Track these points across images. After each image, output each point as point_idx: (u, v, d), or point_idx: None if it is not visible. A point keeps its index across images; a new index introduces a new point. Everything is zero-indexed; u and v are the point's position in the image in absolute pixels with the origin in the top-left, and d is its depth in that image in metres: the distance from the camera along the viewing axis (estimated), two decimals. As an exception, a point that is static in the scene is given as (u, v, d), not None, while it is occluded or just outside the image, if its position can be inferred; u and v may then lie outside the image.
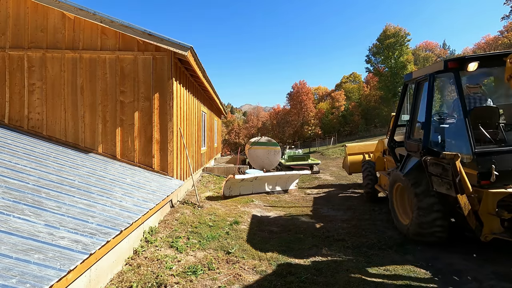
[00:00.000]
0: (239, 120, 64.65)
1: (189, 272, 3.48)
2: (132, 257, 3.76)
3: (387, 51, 37.11)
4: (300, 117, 46.85)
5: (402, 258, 4.12)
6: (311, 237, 5.01)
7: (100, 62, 6.54)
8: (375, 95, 47.76)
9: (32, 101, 6.49)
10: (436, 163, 3.73)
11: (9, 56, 6.43)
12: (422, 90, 4.72)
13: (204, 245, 4.37)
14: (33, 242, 2.47)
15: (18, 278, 2.01)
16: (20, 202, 3.03)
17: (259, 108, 65.45)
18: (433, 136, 4.41)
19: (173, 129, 6.61)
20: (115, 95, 6.55)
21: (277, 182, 9.09)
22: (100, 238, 2.91)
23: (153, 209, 4.51)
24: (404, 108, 5.87)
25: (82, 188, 4.08)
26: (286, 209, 7.03)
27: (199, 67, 7.45)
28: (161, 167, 6.64)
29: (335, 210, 6.92)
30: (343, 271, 3.69)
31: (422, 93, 4.69)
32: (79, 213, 3.31)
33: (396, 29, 36.90)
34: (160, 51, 6.51)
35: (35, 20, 6.48)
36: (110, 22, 6.16)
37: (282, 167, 13.95)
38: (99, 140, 6.55)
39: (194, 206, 6.52)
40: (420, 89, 4.83)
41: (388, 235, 5.01)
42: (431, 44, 54.93)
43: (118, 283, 3.16)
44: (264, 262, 3.95)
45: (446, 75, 4.36)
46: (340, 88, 55.19)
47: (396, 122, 5.93)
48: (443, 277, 3.51)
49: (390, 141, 5.93)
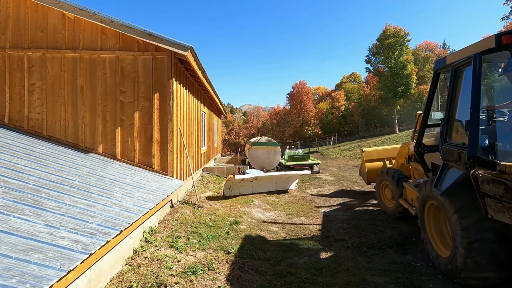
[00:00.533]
0: (239, 120, 64.65)
1: (189, 272, 3.48)
2: (132, 257, 3.76)
3: (387, 51, 37.07)
4: (300, 117, 46.85)
5: (402, 258, 4.12)
6: (311, 237, 5.01)
7: (100, 62, 6.54)
8: (375, 95, 47.76)
9: (32, 101, 6.49)
10: (495, 179, 2.71)
11: (9, 56, 6.44)
12: (463, 78, 3.66)
13: (204, 245, 4.37)
14: (33, 242, 2.47)
15: (18, 278, 2.01)
16: (20, 202, 3.03)
17: (259, 108, 65.46)
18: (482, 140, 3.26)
19: (173, 129, 6.61)
20: (115, 95, 6.55)
21: (277, 182, 9.09)
22: (100, 238, 2.91)
23: (153, 209, 4.51)
24: (434, 104, 4.81)
25: (82, 188, 4.08)
26: (286, 209, 7.03)
27: (199, 67, 7.45)
28: (161, 167, 6.64)
29: (335, 210, 6.92)
30: (343, 271, 3.69)
31: (463, 82, 3.63)
32: (79, 213, 3.30)
33: (396, 29, 36.86)
34: (160, 51, 6.51)
35: (35, 20, 6.48)
36: (110, 22, 6.16)
37: (282, 167, 13.95)
38: (99, 140, 6.55)
39: (194, 206, 6.52)
40: (459, 76, 3.73)
41: (388, 235, 5.01)
42: (431, 44, 54.93)
43: (118, 283, 3.16)
44: (264, 262, 3.94)
45: (498, 55, 3.27)
46: (340, 88, 55.20)
47: (424, 122, 4.80)
48: (443, 277, 3.51)
49: (418, 146, 4.84)
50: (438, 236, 3.78)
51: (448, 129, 3.83)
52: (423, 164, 4.78)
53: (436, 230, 3.84)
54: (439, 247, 3.68)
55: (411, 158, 5.84)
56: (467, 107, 3.25)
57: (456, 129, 3.75)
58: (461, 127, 3.56)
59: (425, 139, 4.86)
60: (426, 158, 4.76)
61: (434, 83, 4.58)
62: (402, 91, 37.04)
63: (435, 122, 4.98)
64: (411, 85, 37.17)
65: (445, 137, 3.85)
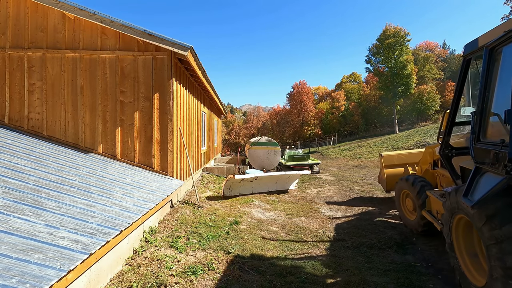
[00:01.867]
0: (239, 120, 64.63)
1: (189, 272, 3.48)
2: (132, 257, 3.76)
3: (387, 51, 37.06)
4: (300, 117, 46.85)
5: (402, 258, 4.12)
6: (311, 237, 5.01)
7: (100, 62, 6.54)
8: (375, 95, 47.74)
9: (32, 101, 6.49)
10: None
11: (9, 56, 6.44)
12: (500, 59, 2.97)
13: (204, 245, 4.37)
14: (33, 242, 2.47)
15: (18, 278, 2.01)
16: (20, 202, 3.03)
17: (259, 108, 65.45)
18: None
19: (173, 129, 6.61)
20: (115, 95, 6.55)
21: (277, 182, 9.09)
22: (100, 238, 2.91)
23: (153, 209, 4.51)
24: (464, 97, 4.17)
25: (82, 188, 4.08)
26: (286, 209, 7.03)
27: (199, 67, 7.45)
28: (161, 167, 6.64)
29: (335, 210, 6.92)
30: (343, 271, 3.69)
31: (501, 65, 2.94)
32: (79, 213, 3.30)
33: (396, 29, 36.85)
34: (160, 51, 6.51)
35: (35, 20, 6.48)
36: (110, 22, 6.16)
37: (282, 167, 13.96)
38: (99, 140, 6.55)
39: (194, 206, 6.52)
40: (496, 59, 3.04)
41: (388, 235, 5.02)
42: (431, 44, 54.88)
43: (118, 283, 3.16)
44: (264, 262, 3.94)
45: None
46: (340, 88, 55.18)
47: (452, 120, 4.05)
48: (443, 277, 3.51)
49: (444, 148, 4.13)
50: (471, 258, 3.05)
51: (481, 124, 3.10)
52: (450, 169, 4.03)
53: (467, 251, 3.12)
54: (472, 273, 2.96)
55: (436, 163, 5.10)
56: (507, 95, 2.60)
57: (492, 124, 3.02)
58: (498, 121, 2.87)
59: (452, 140, 4.16)
60: (454, 162, 4.04)
61: (464, 72, 3.86)
62: (402, 91, 37.04)
63: (465, 120, 4.27)
64: (411, 85, 37.16)
65: (477, 134, 3.14)
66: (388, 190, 7.42)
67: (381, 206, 7.14)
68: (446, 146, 4.11)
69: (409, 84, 36.90)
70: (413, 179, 5.15)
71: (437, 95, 41.09)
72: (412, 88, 37.86)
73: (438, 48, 56.04)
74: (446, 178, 4.49)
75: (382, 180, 7.56)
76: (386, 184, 7.28)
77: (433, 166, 5.19)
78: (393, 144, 20.46)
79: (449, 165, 4.06)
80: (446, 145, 4.11)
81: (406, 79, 36.62)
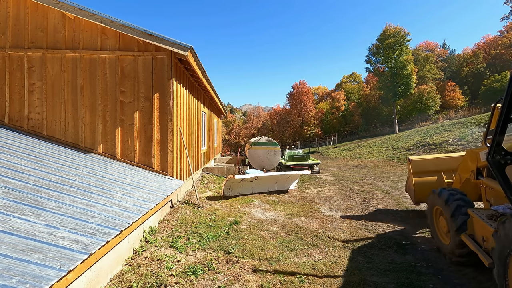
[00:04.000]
0: (239, 120, 64.62)
1: (189, 272, 3.48)
2: (132, 257, 3.76)
3: (387, 51, 37.06)
4: (300, 117, 46.84)
5: (402, 258, 4.12)
6: (311, 237, 5.01)
7: (100, 62, 6.54)
8: (375, 95, 47.74)
9: (32, 101, 6.49)
10: None
11: (9, 56, 6.43)
12: None
13: (204, 245, 4.37)
14: (33, 242, 2.47)
15: (18, 278, 2.01)
16: (20, 202, 3.03)
17: (259, 108, 65.42)
18: None
19: (173, 129, 6.61)
20: (115, 95, 6.55)
21: (277, 182, 9.10)
22: (100, 238, 2.91)
23: (153, 209, 4.51)
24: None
25: (82, 188, 4.08)
26: (286, 209, 7.03)
27: (199, 67, 7.45)
28: (161, 167, 6.64)
29: (335, 210, 6.92)
30: (343, 271, 3.69)
31: None
32: (79, 213, 3.30)
33: (396, 29, 36.84)
34: (160, 51, 6.51)
35: (35, 20, 6.48)
36: (110, 22, 6.16)
37: (282, 167, 13.96)
38: (99, 140, 6.55)
39: (194, 206, 6.51)
40: None
41: (388, 235, 5.02)
42: (431, 44, 54.85)
43: (118, 283, 3.16)
44: (264, 262, 3.95)
45: None
46: (340, 88, 55.16)
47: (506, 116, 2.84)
48: (443, 277, 3.51)
49: (495, 152, 2.93)
50: None
51: None
52: (503, 180, 2.86)
53: None
54: None
55: (481, 172, 4.14)
56: None
57: None
58: None
59: (506, 143, 3.02)
60: (508, 171, 2.95)
61: None
62: (402, 91, 37.03)
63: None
64: (411, 85, 37.14)
65: None
66: (417, 202, 6.14)
67: (381, 206, 7.14)
68: (498, 151, 2.93)
69: (409, 84, 36.90)
70: (447, 195, 4.08)
71: (437, 95, 41.05)
72: (412, 88, 37.85)
73: (438, 48, 56.00)
74: (496, 192, 3.61)
75: (410, 189, 6.35)
76: (415, 195, 6.05)
77: (477, 175, 4.17)
78: (393, 144, 20.46)
79: (500, 176, 2.87)
80: (497, 149, 2.94)
81: (406, 79, 36.62)
